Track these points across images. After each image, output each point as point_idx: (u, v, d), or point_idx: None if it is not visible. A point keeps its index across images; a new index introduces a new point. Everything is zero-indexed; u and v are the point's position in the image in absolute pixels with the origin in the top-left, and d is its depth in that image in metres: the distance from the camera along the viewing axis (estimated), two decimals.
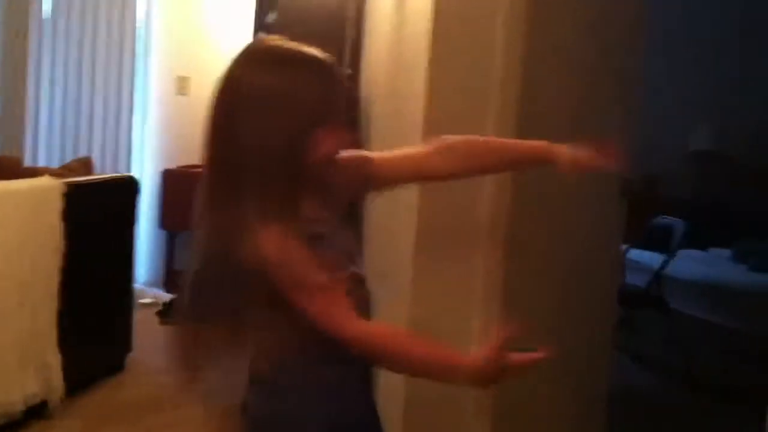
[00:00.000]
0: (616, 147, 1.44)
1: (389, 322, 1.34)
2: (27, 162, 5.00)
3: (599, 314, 2.80)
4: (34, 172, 3.40)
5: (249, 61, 1.30)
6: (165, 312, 4.77)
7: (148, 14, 5.53)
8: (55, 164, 5.18)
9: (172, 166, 5.51)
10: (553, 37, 2.41)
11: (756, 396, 2.03)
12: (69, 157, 5.29)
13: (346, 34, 3.21)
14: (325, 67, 1.29)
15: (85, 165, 3.88)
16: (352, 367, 1.37)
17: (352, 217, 1.48)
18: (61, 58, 5.51)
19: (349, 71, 3.21)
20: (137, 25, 5.51)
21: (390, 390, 1.97)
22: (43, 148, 5.56)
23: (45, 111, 5.55)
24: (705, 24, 6.76)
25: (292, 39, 3.27)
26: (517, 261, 2.36)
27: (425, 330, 1.39)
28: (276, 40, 1.33)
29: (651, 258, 4.69)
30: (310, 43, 1.27)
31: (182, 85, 5.58)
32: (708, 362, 4.56)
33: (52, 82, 5.53)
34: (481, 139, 1.55)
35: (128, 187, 3.85)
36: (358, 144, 1.33)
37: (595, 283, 2.75)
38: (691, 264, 5.35)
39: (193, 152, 5.49)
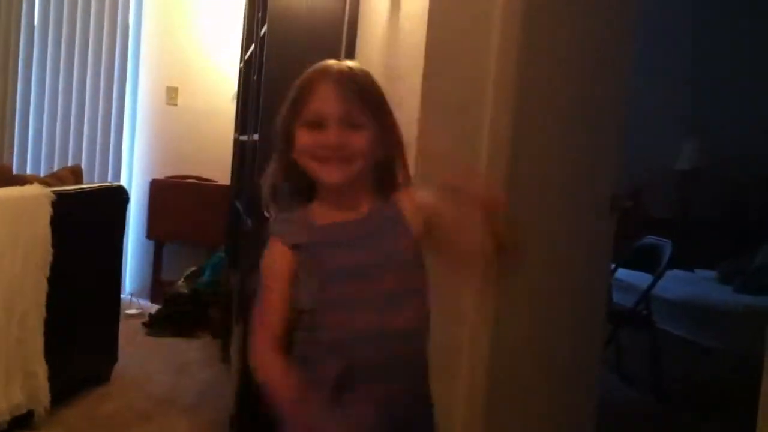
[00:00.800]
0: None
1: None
2: (15, 170, 4.97)
3: (588, 332, 2.81)
4: (23, 180, 3.38)
5: None
6: (151, 323, 4.75)
7: (137, 24, 5.53)
8: (43, 173, 5.17)
9: (160, 176, 5.50)
10: (548, 38, 2.42)
11: (741, 415, 2.04)
12: (58, 166, 5.27)
13: (338, 46, 3.22)
14: (305, 74, 1.46)
15: (74, 173, 3.86)
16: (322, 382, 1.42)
17: None
18: (51, 67, 5.51)
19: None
20: (127, 34, 5.51)
21: None
22: (32, 156, 5.55)
23: (34, 120, 5.54)
24: (691, 41, 6.82)
25: (284, 50, 3.26)
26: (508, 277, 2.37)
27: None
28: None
29: (637, 277, 4.71)
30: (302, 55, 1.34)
31: (171, 96, 5.58)
32: (694, 381, 4.59)
33: (41, 91, 5.52)
34: None
35: (117, 196, 3.84)
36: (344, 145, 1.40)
37: (584, 301, 2.76)
38: (676, 284, 5.38)
39: (181, 162, 5.50)
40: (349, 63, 1.47)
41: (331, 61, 1.46)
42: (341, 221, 1.45)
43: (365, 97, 1.42)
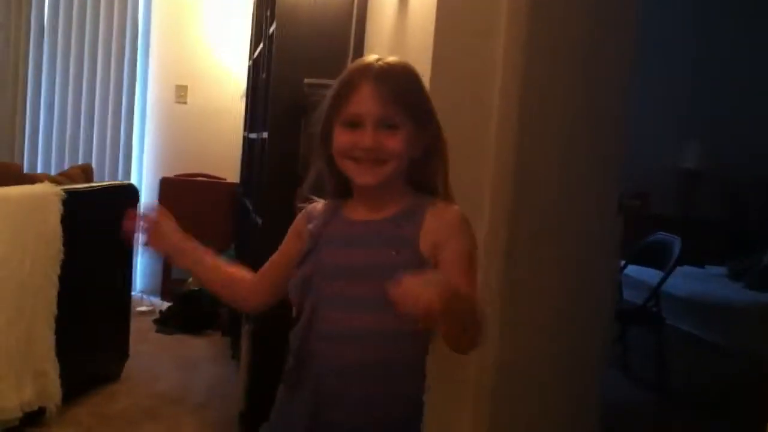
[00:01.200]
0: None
1: None
2: (25, 169, 5.00)
3: (593, 332, 2.80)
4: (33, 179, 3.40)
5: None
6: (162, 321, 4.77)
7: (147, 23, 5.56)
8: (53, 171, 5.19)
9: (170, 174, 5.52)
10: (554, 38, 2.42)
11: (751, 414, 2.03)
12: (68, 165, 5.30)
13: (347, 45, 3.22)
14: (346, 71, 1.46)
15: (84, 172, 3.88)
16: (297, 391, 1.46)
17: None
18: (60, 66, 5.53)
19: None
20: (136, 33, 5.54)
21: None
22: (43, 155, 5.58)
23: (44, 119, 5.57)
24: (694, 42, 6.79)
25: (292, 48, 3.25)
26: (515, 274, 2.37)
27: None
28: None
29: (647, 274, 4.70)
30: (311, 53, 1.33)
31: (181, 94, 5.60)
32: (703, 379, 4.58)
33: (51, 90, 5.55)
34: None
35: (128, 194, 3.85)
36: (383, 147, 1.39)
37: (590, 301, 2.75)
38: (686, 281, 5.36)
39: (190, 160, 5.52)
40: (391, 59, 1.45)
41: (373, 58, 1.45)
42: (361, 220, 1.45)
43: (403, 96, 1.40)
